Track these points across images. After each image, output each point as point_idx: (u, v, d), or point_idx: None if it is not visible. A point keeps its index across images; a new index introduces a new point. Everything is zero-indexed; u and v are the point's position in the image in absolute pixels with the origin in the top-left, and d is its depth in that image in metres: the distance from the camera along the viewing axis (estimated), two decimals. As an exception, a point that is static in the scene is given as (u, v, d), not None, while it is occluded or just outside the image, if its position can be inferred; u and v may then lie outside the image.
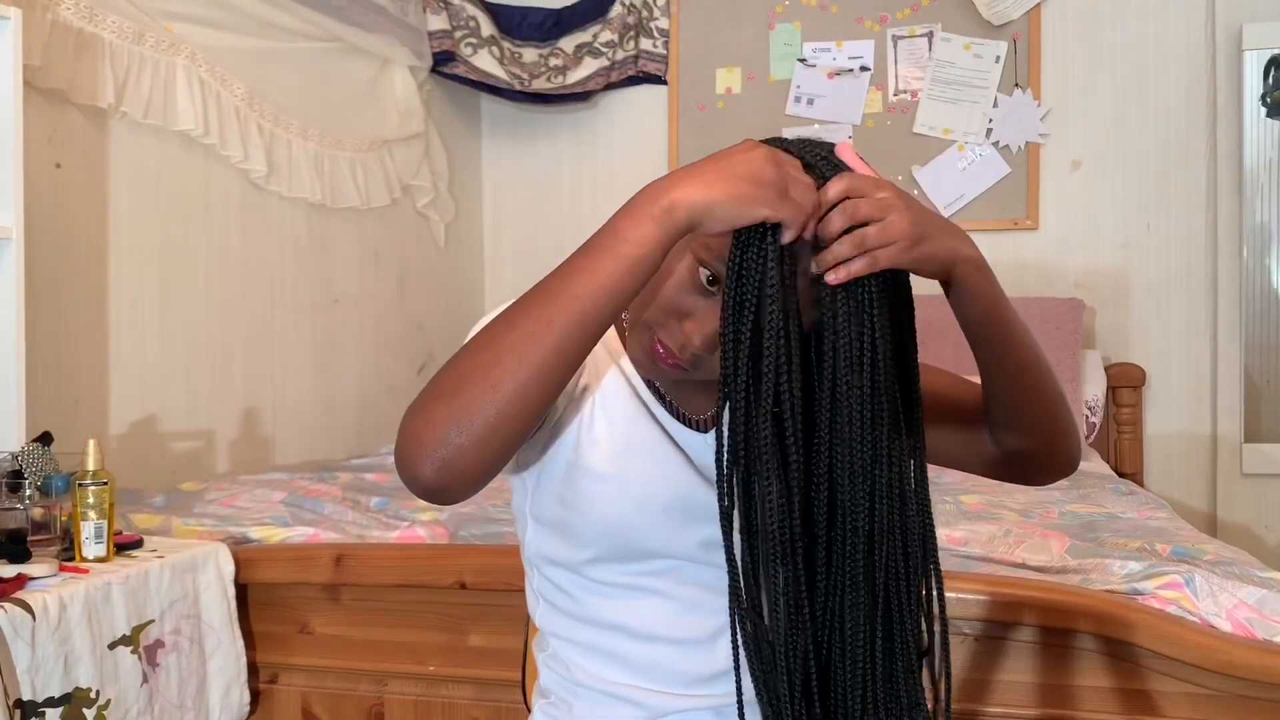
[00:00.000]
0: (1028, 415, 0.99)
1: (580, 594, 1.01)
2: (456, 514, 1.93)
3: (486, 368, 0.78)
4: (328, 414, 2.96)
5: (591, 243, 0.81)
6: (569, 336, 0.78)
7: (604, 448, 0.97)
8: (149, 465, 2.30)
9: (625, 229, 0.79)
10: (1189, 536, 1.80)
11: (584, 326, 0.78)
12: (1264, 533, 3.14)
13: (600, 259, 0.79)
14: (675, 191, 0.79)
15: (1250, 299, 3.20)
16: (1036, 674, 1.43)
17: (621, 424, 0.99)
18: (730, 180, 0.79)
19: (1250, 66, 3.15)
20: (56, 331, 2.08)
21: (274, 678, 1.75)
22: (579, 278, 0.79)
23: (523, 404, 0.78)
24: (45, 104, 2.05)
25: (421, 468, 0.77)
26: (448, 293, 3.58)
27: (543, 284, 0.81)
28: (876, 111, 3.46)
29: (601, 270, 0.79)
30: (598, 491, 0.97)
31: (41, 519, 1.52)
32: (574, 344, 0.79)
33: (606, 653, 1.01)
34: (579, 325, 0.78)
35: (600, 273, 0.79)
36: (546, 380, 0.78)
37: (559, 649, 1.05)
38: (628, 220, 0.80)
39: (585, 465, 0.97)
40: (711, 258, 0.88)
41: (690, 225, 0.80)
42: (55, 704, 1.33)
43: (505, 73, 3.52)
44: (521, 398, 0.78)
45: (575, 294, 0.78)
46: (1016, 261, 3.34)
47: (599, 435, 0.98)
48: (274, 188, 2.71)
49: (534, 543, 1.04)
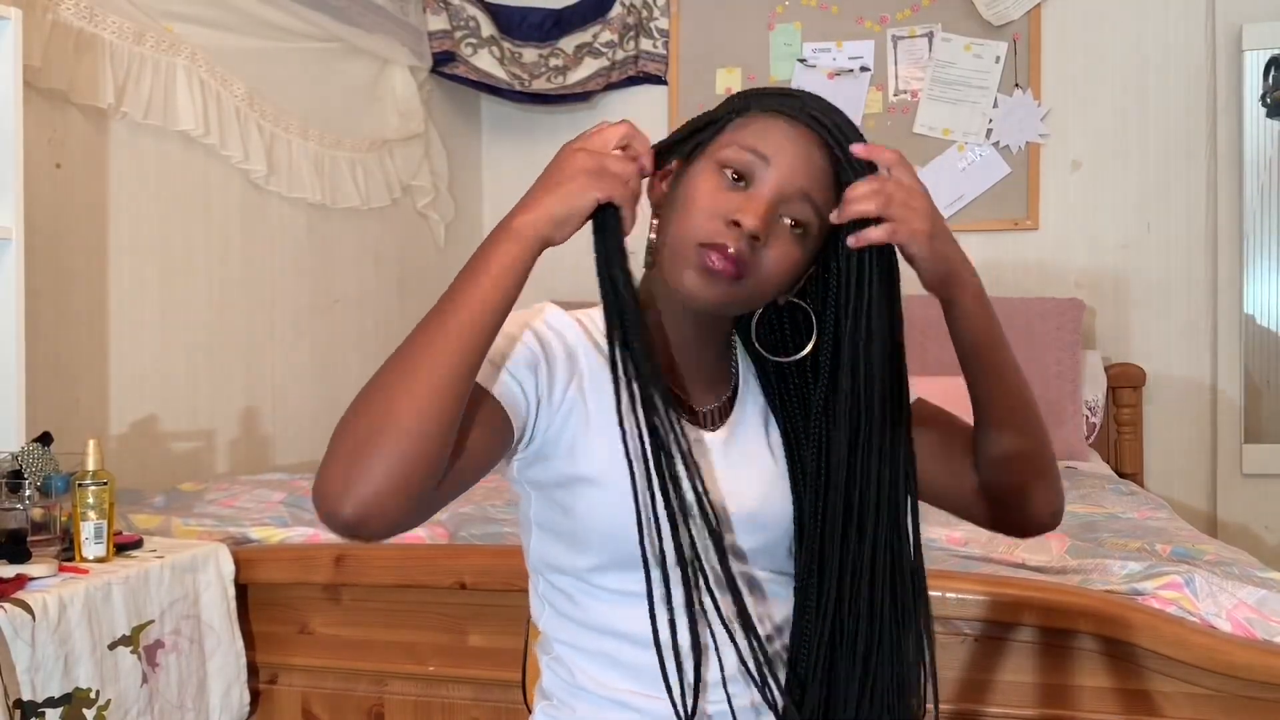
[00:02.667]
0: (1012, 448, 1.00)
1: (584, 600, 1.01)
2: (456, 514, 1.93)
3: (387, 401, 0.82)
4: (328, 414, 2.95)
5: (460, 276, 0.88)
6: (460, 355, 0.84)
7: (601, 453, 0.97)
8: (149, 465, 2.30)
9: (488, 256, 0.87)
10: (1189, 537, 1.80)
11: (467, 347, 0.84)
12: (1264, 533, 3.14)
13: (471, 283, 0.86)
14: (516, 219, 0.87)
15: (1250, 299, 3.20)
16: (1036, 674, 1.43)
17: (617, 429, 0.98)
18: (550, 186, 0.87)
19: (1250, 66, 3.15)
20: (56, 331, 2.08)
21: (274, 678, 1.75)
22: (457, 303, 0.86)
23: (425, 428, 0.81)
24: (45, 104, 2.06)
25: (339, 505, 0.80)
26: (448, 293, 3.57)
27: (425, 319, 0.87)
28: (876, 112, 3.46)
29: (476, 292, 0.86)
30: (597, 498, 0.96)
31: (41, 519, 1.52)
32: (465, 363, 0.84)
33: (609, 658, 1.01)
34: (465, 346, 0.84)
35: (474, 294, 0.86)
36: (446, 400, 0.82)
37: (562, 653, 1.04)
38: (488, 249, 0.87)
39: (583, 473, 0.97)
40: (732, 157, 0.93)
41: (543, 240, 0.87)
42: (55, 704, 1.33)
43: (505, 73, 3.52)
44: (423, 423, 0.81)
45: (458, 319, 0.85)
46: (1016, 261, 3.34)
47: (594, 441, 0.97)
48: (274, 188, 2.71)
49: (537, 549, 1.04)
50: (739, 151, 0.93)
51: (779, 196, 0.92)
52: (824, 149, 0.93)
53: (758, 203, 0.91)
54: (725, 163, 0.93)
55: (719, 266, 0.92)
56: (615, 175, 0.87)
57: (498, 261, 0.86)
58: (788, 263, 0.94)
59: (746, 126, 0.95)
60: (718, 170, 0.94)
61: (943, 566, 1.52)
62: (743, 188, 0.93)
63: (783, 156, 0.92)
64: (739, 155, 0.93)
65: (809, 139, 0.93)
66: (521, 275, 0.87)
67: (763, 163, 0.92)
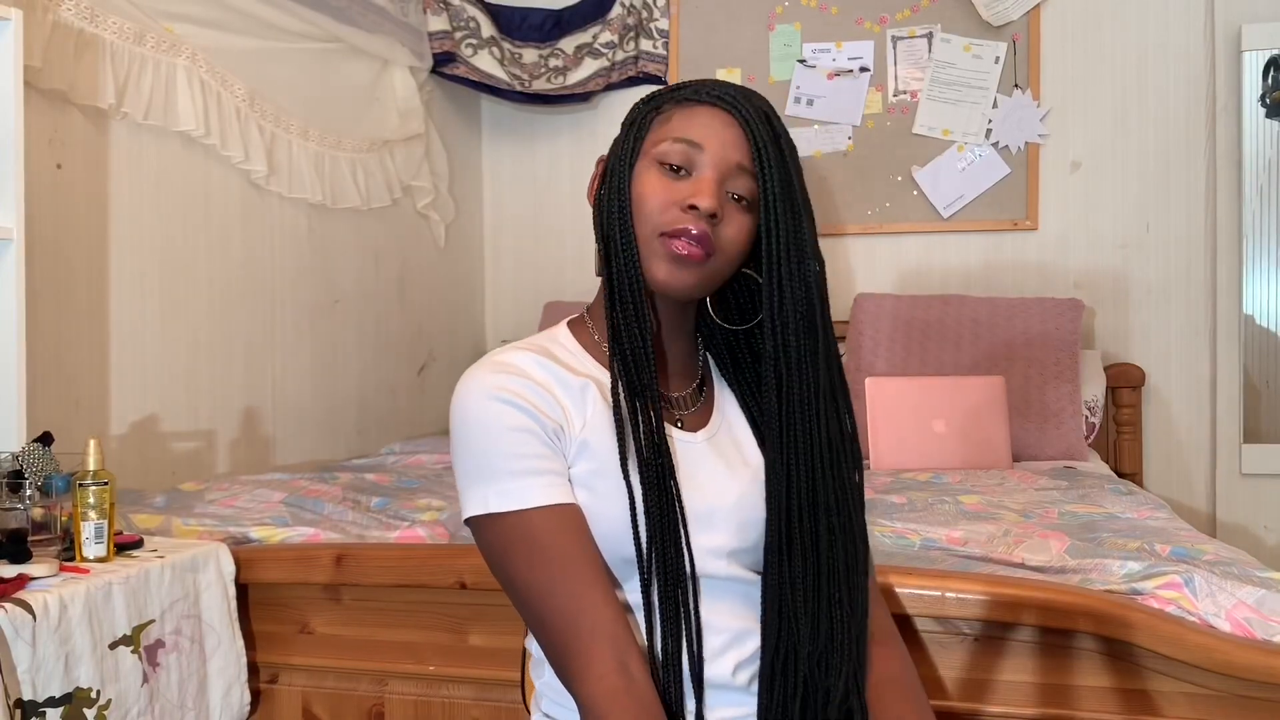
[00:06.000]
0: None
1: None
2: (456, 514, 1.93)
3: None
4: (328, 414, 2.97)
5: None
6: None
7: (590, 465, 0.98)
8: (149, 465, 2.30)
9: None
10: (1188, 536, 1.80)
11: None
12: (1263, 533, 3.15)
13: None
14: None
15: (1250, 299, 3.20)
16: (1036, 674, 1.43)
17: (607, 435, 0.99)
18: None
19: (1249, 67, 3.15)
20: (57, 331, 2.08)
21: (274, 678, 1.75)
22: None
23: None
24: (46, 105, 2.06)
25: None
26: (448, 293, 3.58)
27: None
28: (876, 112, 3.46)
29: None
30: (591, 506, 0.98)
31: (42, 519, 1.52)
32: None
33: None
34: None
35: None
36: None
37: (552, 710, 1.08)
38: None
39: (581, 481, 0.98)
40: (668, 150, 0.99)
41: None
42: (56, 704, 1.33)
43: (505, 73, 3.52)
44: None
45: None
46: (1016, 262, 3.34)
47: (592, 450, 0.99)
48: (274, 188, 2.71)
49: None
50: (672, 144, 0.99)
51: (721, 175, 0.98)
52: (740, 124, 0.99)
53: (706, 184, 0.97)
54: (662, 157, 0.99)
55: (687, 252, 0.97)
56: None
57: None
58: (743, 234, 1.00)
59: (670, 121, 1.01)
60: (657, 166, 1.00)
61: (942, 566, 1.53)
62: (685, 176, 0.99)
63: (713, 139, 0.99)
64: (673, 148, 0.99)
65: (726, 119, 0.99)
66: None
67: (697, 149, 0.99)
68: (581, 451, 0.98)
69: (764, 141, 0.98)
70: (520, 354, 1.00)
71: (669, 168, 0.99)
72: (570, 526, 0.94)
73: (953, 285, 3.32)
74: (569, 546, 0.93)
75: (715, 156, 0.98)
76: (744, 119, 0.99)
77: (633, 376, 0.98)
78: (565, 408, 0.98)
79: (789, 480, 0.99)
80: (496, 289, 3.84)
